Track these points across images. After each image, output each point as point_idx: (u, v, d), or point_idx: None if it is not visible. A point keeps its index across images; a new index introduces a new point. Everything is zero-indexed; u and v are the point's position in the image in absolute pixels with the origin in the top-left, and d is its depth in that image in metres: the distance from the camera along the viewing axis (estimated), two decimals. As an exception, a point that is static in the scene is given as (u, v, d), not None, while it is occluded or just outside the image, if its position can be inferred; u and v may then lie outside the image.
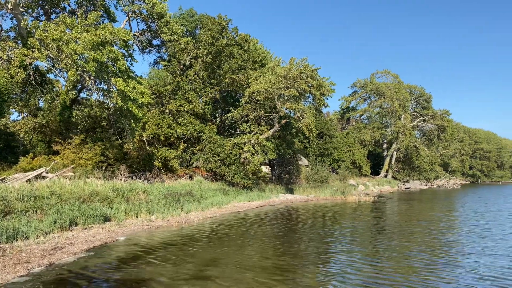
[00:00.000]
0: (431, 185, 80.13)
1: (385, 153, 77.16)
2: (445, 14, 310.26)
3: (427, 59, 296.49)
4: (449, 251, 14.37)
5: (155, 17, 30.30)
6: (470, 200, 41.77)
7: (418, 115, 79.73)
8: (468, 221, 23.53)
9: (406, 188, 69.82)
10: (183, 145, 32.85)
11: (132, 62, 25.46)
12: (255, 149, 33.89)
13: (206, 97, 35.59)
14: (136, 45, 33.73)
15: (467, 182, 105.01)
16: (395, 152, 75.20)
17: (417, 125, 79.63)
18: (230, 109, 38.52)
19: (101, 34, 20.56)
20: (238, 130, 38.39)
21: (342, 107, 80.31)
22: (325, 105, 40.82)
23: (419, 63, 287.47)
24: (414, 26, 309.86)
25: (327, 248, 14.97)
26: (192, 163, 34.12)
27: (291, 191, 40.28)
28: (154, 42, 37.22)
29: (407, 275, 11.08)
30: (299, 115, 35.71)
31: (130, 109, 22.12)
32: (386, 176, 73.74)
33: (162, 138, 31.00)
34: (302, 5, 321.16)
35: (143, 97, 22.45)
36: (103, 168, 27.20)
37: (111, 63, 21.59)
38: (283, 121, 37.33)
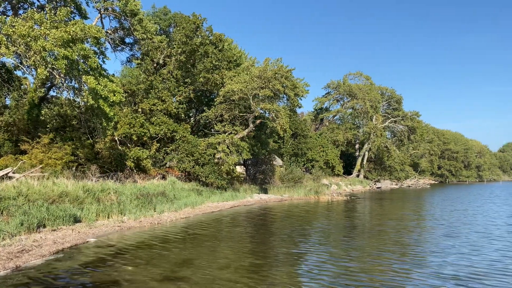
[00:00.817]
0: (402, 185, 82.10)
1: (357, 153, 78.53)
2: (415, 17, 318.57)
3: (398, 61, 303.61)
4: (417, 250, 14.77)
5: (128, 14, 29.78)
6: (438, 200, 43.05)
7: (389, 116, 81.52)
8: (436, 220, 24.24)
9: (377, 188, 71.26)
10: (156, 145, 32.44)
11: (104, 60, 24.90)
12: (229, 149, 33.83)
13: (180, 97, 35.26)
14: (108, 42, 33.04)
15: (435, 182, 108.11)
16: (366, 152, 76.64)
17: (388, 126, 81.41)
18: (204, 108, 38.30)
19: (71, 31, 20.03)
20: (212, 130, 38.22)
21: (316, 108, 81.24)
22: (299, 105, 41.23)
23: (390, 65, 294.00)
24: (386, 29, 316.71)
25: (300, 248, 15.12)
26: (166, 163, 33.73)
27: (265, 191, 40.43)
28: (127, 40, 36.57)
29: (374, 275, 11.32)
30: (273, 115, 35.89)
31: (102, 107, 21.65)
32: (358, 176, 75.05)
33: (134, 137, 30.51)
34: (277, 7, 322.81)
35: (115, 95, 22.02)
36: (74, 168, 26.53)
37: (82, 60, 21.07)
38: (258, 121, 37.43)
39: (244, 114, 36.95)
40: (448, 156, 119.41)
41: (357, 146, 79.01)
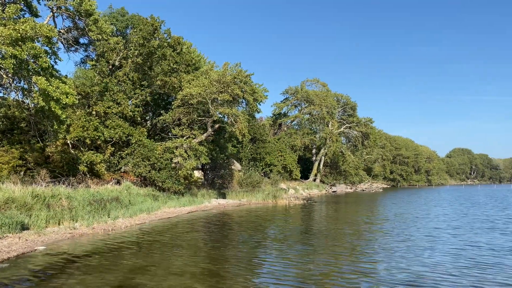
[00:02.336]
0: (356, 189, 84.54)
1: (314, 158, 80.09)
2: (371, 27, 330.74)
3: (353, 69, 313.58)
4: (370, 253, 15.28)
5: (82, 14, 28.80)
6: (390, 203, 44.74)
7: (344, 122, 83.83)
8: (387, 223, 25.18)
9: (333, 192, 72.95)
10: (110, 149, 31.49)
11: (56, 60, 23.95)
12: (187, 154, 33.46)
13: (136, 99, 34.48)
14: (61, 42, 31.77)
15: (388, 186, 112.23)
16: (323, 157, 78.36)
17: (343, 132, 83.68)
18: (161, 112, 37.66)
19: (21, 29, 19.11)
20: (170, 134, 37.62)
21: (275, 113, 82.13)
22: (258, 110, 41.51)
23: (346, 73, 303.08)
24: (341, 38, 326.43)
25: (257, 253, 15.21)
26: (120, 168, 32.82)
27: (223, 196, 40.30)
28: (81, 40, 35.31)
29: (330, 278, 11.60)
30: (232, 119, 35.91)
31: (53, 110, 20.78)
32: (315, 180, 76.53)
33: (88, 141, 29.47)
34: (236, 13, 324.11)
35: (67, 97, 21.21)
36: (22, 172, 25.21)
37: (32, 60, 20.15)
38: (217, 126, 37.31)
39: (203, 118, 36.71)
40: (400, 161, 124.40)
41: (314, 151, 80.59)
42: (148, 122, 40.67)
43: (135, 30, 34.56)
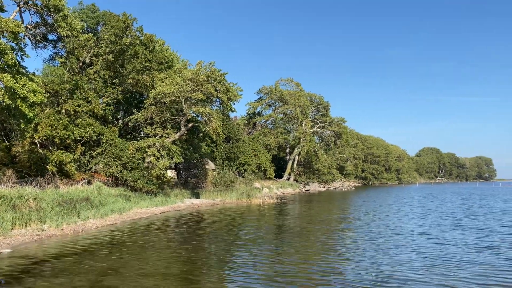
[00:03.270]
0: (329, 187, 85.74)
1: (288, 157, 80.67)
2: (343, 30, 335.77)
3: (326, 70, 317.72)
4: (340, 252, 15.57)
5: (51, 9, 27.96)
6: (361, 202, 45.63)
7: (317, 121, 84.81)
8: (358, 221, 25.69)
9: (306, 190, 73.71)
10: (81, 148, 30.76)
11: (23, 56, 23.18)
12: (160, 153, 33.06)
13: (107, 98, 33.80)
14: (29, 38, 30.75)
15: (359, 184, 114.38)
16: (296, 156, 79.04)
17: (316, 131, 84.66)
18: (133, 111, 37.06)
19: (-15, 24, 18.44)
20: (142, 133, 37.04)
21: (249, 112, 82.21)
22: (232, 109, 41.52)
23: (319, 73, 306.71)
24: (315, 39, 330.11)
25: (231, 252, 15.23)
26: (91, 168, 32.11)
27: (197, 196, 40.05)
28: (50, 36, 34.30)
29: (305, 276, 11.76)
30: (206, 119, 35.72)
31: (20, 108, 20.13)
32: (288, 179, 77.11)
33: (57, 140, 28.68)
34: (209, 13, 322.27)
35: (35, 95, 20.59)
36: (-15, 173, 24.30)
37: (-3, 56, 19.45)
38: (190, 125, 37.01)
39: (176, 117, 36.36)
40: (371, 160, 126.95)
41: (287, 150, 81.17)
42: (120, 121, 39.94)
43: (106, 27, 33.85)
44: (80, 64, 33.85)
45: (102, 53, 33.14)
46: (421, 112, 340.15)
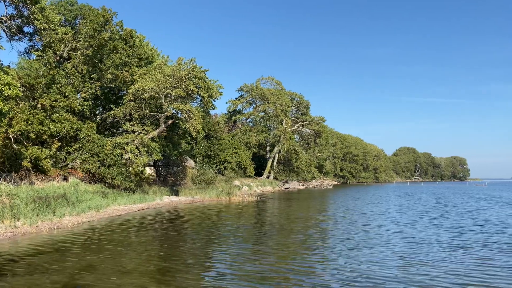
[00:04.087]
0: (308, 185, 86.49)
1: (268, 155, 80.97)
2: (323, 31, 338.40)
3: (307, 69, 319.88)
4: (318, 249, 15.78)
5: (27, 1, 27.26)
6: (339, 200, 46.23)
7: (297, 120, 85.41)
8: (335, 220, 26.05)
9: (285, 189, 74.18)
10: (57, 144, 30.13)
11: (-3, 49, 22.59)
12: (138, 150, 32.70)
13: (85, 93, 33.19)
14: (3, 30, 29.91)
15: (338, 183, 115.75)
16: (277, 155, 79.42)
17: (296, 130, 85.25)
18: (112, 106, 36.51)
19: (-43, 14, 17.85)
20: (120, 129, 36.56)
21: (229, 110, 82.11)
22: (213, 107, 41.34)
23: (300, 73, 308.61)
24: (296, 38, 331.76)
25: (210, 250, 15.24)
26: (68, 164, 31.50)
27: (176, 193, 39.80)
28: (26, 29, 33.41)
29: (283, 274, 11.87)
30: (186, 115, 35.50)
31: (-7, 102, 19.58)
32: (268, 177, 77.43)
33: (32, 135, 28.01)
34: (191, 10, 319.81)
35: (10, 89, 20.08)
36: (-44, 168, 23.56)
37: (-31, 48, 18.86)
38: (170, 122, 36.73)
39: (155, 113, 36.02)
40: (349, 159, 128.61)
41: (268, 148, 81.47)
42: (98, 116, 39.30)
43: (85, 21, 33.21)
44: (57, 58, 33.11)
45: (81, 47, 32.52)
46: (398, 112, 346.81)
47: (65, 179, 29.65)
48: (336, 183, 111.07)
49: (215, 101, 41.42)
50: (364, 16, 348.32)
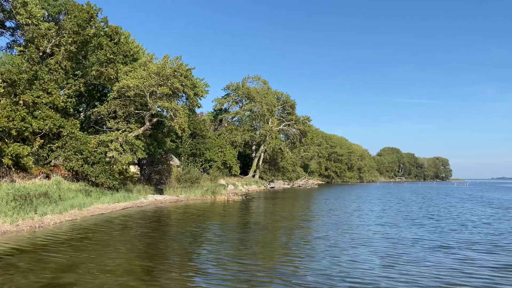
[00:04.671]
0: (293, 185, 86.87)
1: (253, 155, 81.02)
2: (310, 31, 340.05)
3: (293, 69, 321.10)
4: (301, 249, 15.87)
5: (9, -5, 26.76)
6: (323, 199, 46.56)
7: (283, 120, 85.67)
8: (318, 219, 26.23)
9: (271, 188, 74.36)
10: (39, 141, 29.61)
11: (-22, 43, 22.09)
12: (123, 148, 32.37)
13: (69, 90, 32.68)
14: (-16, 24, 29.31)
15: (323, 182, 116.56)
16: (262, 154, 79.53)
17: (282, 129, 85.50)
18: (96, 104, 36.04)
19: None
20: (104, 127, 36.11)
21: (215, 109, 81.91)
22: (199, 105, 41.19)
23: (286, 73, 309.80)
24: (283, 38, 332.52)
25: (194, 249, 15.20)
26: (50, 161, 31.01)
27: (160, 192, 39.54)
28: (8, 23, 32.83)
29: (267, 272, 11.92)
30: (171, 114, 35.29)
31: (-27, 97, 19.16)
32: (254, 176, 77.50)
33: (14, 132, 27.47)
34: (179, 8, 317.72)
35: (-10, 85, 19.64)
36: None
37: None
38: (155, 120, 36.45)
39: (140, 111, 35.69)
40: (334, 159, 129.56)
41: (253, 147, 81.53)
42: (82, 114, 38.75)
43: (69, 16, 32.70)
44: (40, 53, 32.53)
45: (64, 43, 32.00)
46: (382, 112, 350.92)
47: (48, 177, 29.18)
48: (321, 182, 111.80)
49: (201, 99, 41.32)
50: (350, 18, 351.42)
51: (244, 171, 76.37)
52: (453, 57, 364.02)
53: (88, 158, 30.32)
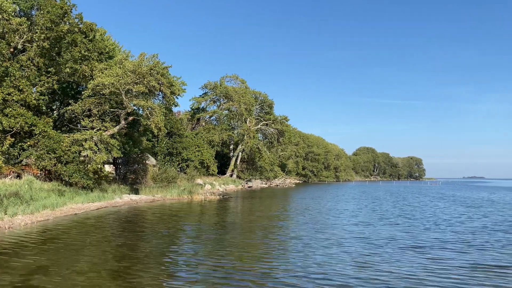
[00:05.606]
0: (270, 184, 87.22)
1: (231, 154, 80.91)
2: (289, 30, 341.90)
3: (271, 69, 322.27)
4: (279, 249, 16.00)
5: (-22, -12, 25.89)
6: (299, 198, 46.98)
7: (261, 119, 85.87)
8: (296, 217, 26.47)
9: (248, 187, 74.47)
10: (10, 140, 28.76)
11: None
12: (97, 147, 31.80)
13: (41, 87, 31.86)
14: (-49, 18, 28.26)
15: (300, 181, 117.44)
16: (240, 153, 79.52)
17: (260, 129, 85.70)
18: (70, 102, 35.27)
19: None
20: (79, 125, 35.39)
21: (193, 108, 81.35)
22: (175, 104, 40.90)
23: (264, 72, 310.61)
24: (261, 38, 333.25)
25: (169, 249, 15.11)
26: (21, 161, 30.17)
27: (136, 192, 39.03)
28: (-24, 17, 31.67)
29: (244, 272, 11.97)
30: (147, 112, 34.89)
31: None
32: (231, 175, 77.40)
33: (-18, 130, 26.63)
34: (155, 4, 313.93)
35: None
36: None
37: None
38: (131, 118, 35.94)
39: (116, 110, 35.14)
40: (311, 158, 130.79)
41: (231, 146, 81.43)
42: (55, 112, 37.88)
43: (41, 11, 31.86)
44: (12, 49, 31.58)
45: (37, 39, 31.18)
46: (359, 113, 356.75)
47: (19, 176, 28.40)
48: (298, 181, 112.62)
49: (177, 98, 40.99)
50: (328, 18, 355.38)
51: (221, 171, 76.19)
52: (429, 59, 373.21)
53: (62, 157, 29.66)
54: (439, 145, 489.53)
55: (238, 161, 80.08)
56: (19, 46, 31.99)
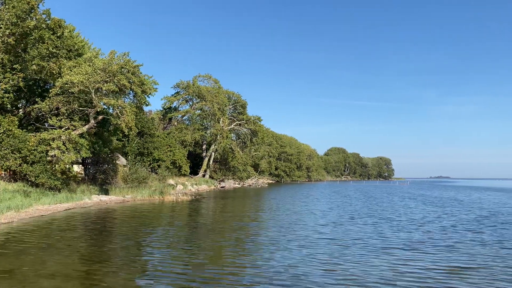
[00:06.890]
0: (243, 184, 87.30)
1: (204, 154, 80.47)
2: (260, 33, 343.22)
3: (244, 69, 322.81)
4: (251, 249, 16.05)
5: None
6: (271, 198, 47.24)
7: (234, 119, 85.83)
8: (268, 217, 26.63)
9: (221, 187, 74.26)
10: (-28, 139, 27.66)
11: None
12: (66, 146, 30.97)
13: (6, 84, 30.74)
14: None
15: (273, 181, 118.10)
16: (213, 153, 79.20)
17: (233, 129, 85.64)
18: (37, 100, 34.17)
19: None
20: (46, 124, 34.34)
21: (165, 107, 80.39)
22: (147, 103, 40.18)
23: (237, 73, 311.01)
24: (234, 39, 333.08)
25: (139, 251, 14.91)
26: (-16, 160, 29.02)
27: (106, 192, 38.24)
28: None
29: (216, 273, 11.95)
30: (118, 111, 34.24)
31: None
32: (204, 175, 77.00)
33: None
34: (128, 3, 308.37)
35: None
36: None
37: None
38: (100, 117, 35.18)
39: (85, 108, 34.31)
40: (284, 158, 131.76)
41: (204, 147, 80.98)
42: (21, 110, 36.60)
43: (6, 6, 30.73)
44: (-27, 45, 30.32)
45: (1, 35, 30.05)
46: (329, 114, 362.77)
47: (-19, 177, 27.31)
48: (271, 181, 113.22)
49: (149, 97, 40.27)
50: (298, 21, 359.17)
51: (194, 171, 75.64)
52: (397, 62, 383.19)
53: (28, 157, 28.73)
54: (407, 146, 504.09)
55: (211, 161, 79.74)
56: (-18, 42, 30.74)
